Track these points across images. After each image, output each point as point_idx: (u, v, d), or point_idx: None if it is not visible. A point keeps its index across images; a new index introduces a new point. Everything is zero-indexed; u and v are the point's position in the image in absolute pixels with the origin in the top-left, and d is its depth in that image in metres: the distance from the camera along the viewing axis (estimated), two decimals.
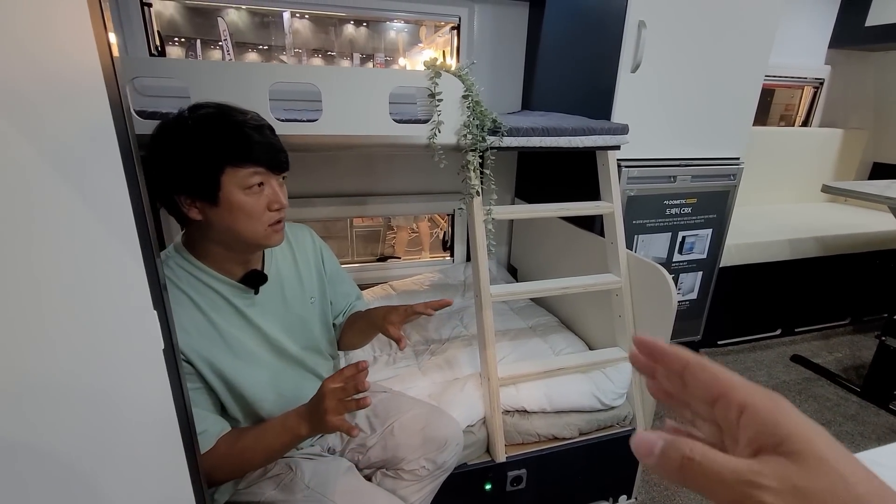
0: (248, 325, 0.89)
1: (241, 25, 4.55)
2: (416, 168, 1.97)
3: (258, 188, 0.78)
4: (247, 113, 0.81)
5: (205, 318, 0.83)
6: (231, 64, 1.18)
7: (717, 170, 1.67)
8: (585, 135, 1.31)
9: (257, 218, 0.79)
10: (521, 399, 1.31)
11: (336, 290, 1.09)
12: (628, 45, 1.41)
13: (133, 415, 0.52)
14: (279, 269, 0.96)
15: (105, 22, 0.46)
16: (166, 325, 0.55)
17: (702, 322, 1.89)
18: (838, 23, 2.35)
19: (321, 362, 1.04)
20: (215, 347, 0.83)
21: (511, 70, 2.00)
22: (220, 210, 0.77)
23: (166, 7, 1.84)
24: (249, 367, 0.88)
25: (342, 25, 3.64)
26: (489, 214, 1.27)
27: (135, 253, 0.50)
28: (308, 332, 0.99)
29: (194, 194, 0.77)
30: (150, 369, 0.53)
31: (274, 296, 0.93)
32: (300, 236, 1.04)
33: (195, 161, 0.75)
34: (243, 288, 0.87)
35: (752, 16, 1.52)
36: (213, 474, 0.81)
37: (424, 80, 1.12)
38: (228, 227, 0.79)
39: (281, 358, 0.95)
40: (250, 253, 0.87)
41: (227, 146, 0.75)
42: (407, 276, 2.09)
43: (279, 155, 0.81)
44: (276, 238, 0.83)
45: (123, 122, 0.48)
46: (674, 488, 1.57)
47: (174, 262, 0.83)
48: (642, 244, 1.67)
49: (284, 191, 0.84)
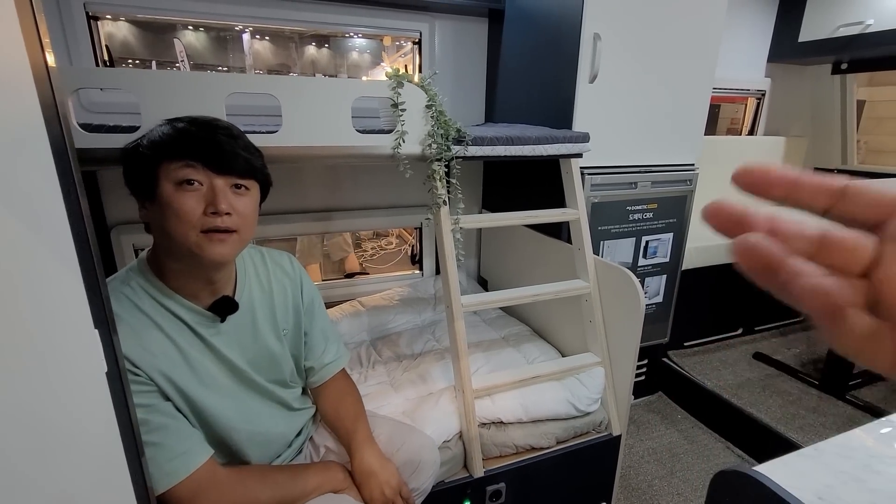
0: (212, 353, 0.83)
1: (199, 47, 4.43)
2: (382, 182, 1.95)
3: (191, 186, 0.72)
4: (218, 121, 0.79)
5: (169, 341, 0.78)
6: (185, 74, 1.14)
7: (674, 175, 1.73)
8: (548, 143, 1.33)
9: (188, 220, 0.71)
10: (497, 410, 1.29)
11: (312, 324, 1.00)
12: (585, 56, 1.45)
13: (70, 443, 0.47)
14: (252, 297, 0.89)
15: (38, 27, 0.42)
16: (111, 346, 0.51)
17: (668, 324, 1.94)
18: (774, 38, 2.52)
19: (289, 392, 0.98)
20: (181, 372, 0.78)
21: (473, 84, 2.03)
22: (156, 207, 0.73)
23: (119, 28, 1.77)
24: (215, 395, 0.83)
25: (304, 46, 3.59)
26: (457, 224, 1.26)
27: (72, 268, 0.46)
28: (276, 367, 0.93)
29: (139, 192, 0.75)
30: (91, 394, 0.48)
31: (243, 326, 0.87)
32: (279, 262, 0.98)
33: (137, 156, 0.74)
34: (209, 315, 0.82)
35: (698, 30, 1.61)
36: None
37: (387, 90, 1.11)
38: (162, 227, 0.73)
39: (248, 388, 0.89)
40: (205, 270, 0.80)
41: (163, 139, 0.73)
42: (375, 292, 2.05)
43: (222, 152, 0.74)
44: (210, 250, 0.73)
45: (60, 132, 0.45)
46: (652, 493, 1.57)
47: (136, 283, 0.78)
48: (608, 250, 1.70)
49: (243, 202, 0.76)
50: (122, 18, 1.72)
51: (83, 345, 0.47)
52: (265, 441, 0.92)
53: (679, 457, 1.75)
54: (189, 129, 0.74)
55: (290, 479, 0.85)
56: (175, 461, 0.73)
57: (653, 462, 1.72)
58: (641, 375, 2.06)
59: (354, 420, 0.99)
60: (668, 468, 1.69)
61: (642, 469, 1.68)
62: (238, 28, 1.99)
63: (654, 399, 2.11)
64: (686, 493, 1.58)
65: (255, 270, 0.93)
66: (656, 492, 1.58)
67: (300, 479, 0.86)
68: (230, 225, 0.74)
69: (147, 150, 0.73)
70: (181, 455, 0.74)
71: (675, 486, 1.61)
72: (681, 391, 2.07)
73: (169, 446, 0.73)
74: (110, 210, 1.57)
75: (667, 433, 1.88)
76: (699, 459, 1.73)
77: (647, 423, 1.94)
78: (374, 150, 1.15)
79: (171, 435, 0.74)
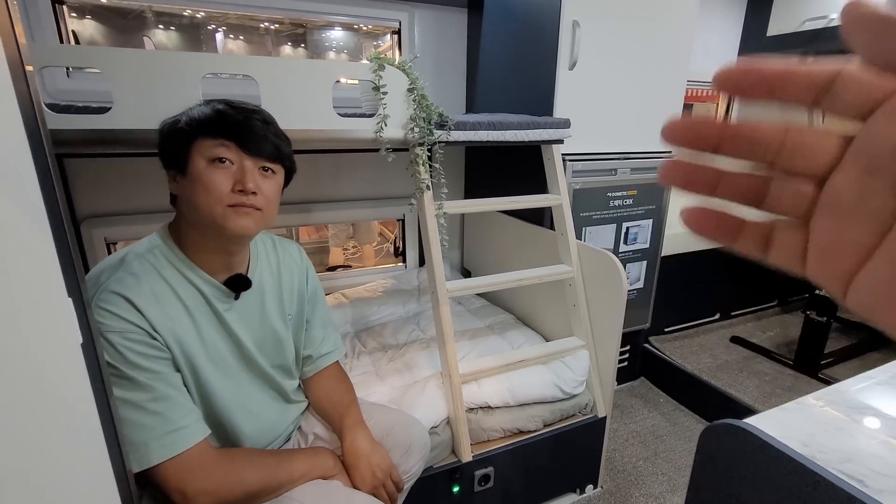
0: (223, 329, 0.85)
1: (171, 46, 4.32)
2: (363, 173, 1.93)
3: (222, 164, 0.75)
4: (254, 106, 0.81)
5: (185, 311, 0.79)
6: (158, 53, 1.10)
7: (653, 162, 1.76)
8: (530, 128, 1.34)
9: (216, 194, 0.74)
10: (484, 395, 1.29)
11: (313, 313, 1.02)
12: (564, 43, 1.47)
13: (43, 416, 0.45)
14: (262, 278, 0.92)
15: (9, 5, 0.41)
16: (85, 317, 0.49)
17: (649, 310, 1.97)
18: (744, 33, 2.59)
19: (288, 382, 0.98)
20: (193, 343, 0.79)
21: (454, 75, 2.02)
22: (187, 181, 0.75)
23: (85, 27, 1.70)
24: (219, 373, 0.84)
25: (279, 45, 3.55)
26: (440, 209, 1.26)
27: (43, 233, 0.44)
28: (280, 350, 0.94)
29: (172, 164, 0.77)
30: (64, 366, 0.46)
31: (253, 305, 0.89)
32: (288, 250, 1.00)
33: (175, 131, 0.76)
34: (224, 290, 0.84)
35: (673, 18, 1.64)
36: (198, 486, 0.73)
37: (368, 73, 1.10)
38: (190, 199, 0.75)
39: (249, 369, 0.90)
40: (226, 244, 0.82)
41: (202, 118, 0.76)
42: (358, 285, 2.03)
43: (255, 136, 0.77)
44: (235, 222, 0.76)
45: (30, 103, 0.43)
46: (637, 474, 1.59)
47: (159, 252, 0.80)
48: (590, 236, 1.72)
49: (268, 184, 0.79)
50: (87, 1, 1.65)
51: (55, 314, 0.45)
52: (258, 428, 0.91)
53: (662, 438, 1.78)
54: (227, 110, 0.77)
55: (279, 463, 0.84)
56: (174, 434, 0.72)
57: (637, 444, 1.74)
58: (624, 361, 2.09)
59: (347, 406, 0.99)
60: (652, 450, 1.71)
61: (627, 451, 1.71)
62: (211, 27, 1.94)
63: (637, 384, 2.14)
64: (669, 472, 1.61)
65: (266, 254, 0.95)
66: (641, 473, 1.61)
67: (288, 463, 0.85)
68: (255, 203, 0.77)
69: (186, 125, 0.75)
70: (181, 429, 0.73)
71: (658, 466, 1.64)
72: (662, 375, 2.11)
73: (170, 418, 0.73)
74: (80, 202, 1.51)
75: (650, 416, 1.91)
76: (681, 440, 1.76)
77: (630, 408, 1.97)
78: (356, 134, 1.13)
79: (173, 407, 0.74)
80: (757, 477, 0.47)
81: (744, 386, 1.90)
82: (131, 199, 1.57)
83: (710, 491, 0.54)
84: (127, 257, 0.78)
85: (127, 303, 0.72)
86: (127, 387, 0.70)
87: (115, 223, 1.54)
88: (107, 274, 0.75)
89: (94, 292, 0.72)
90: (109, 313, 0.70)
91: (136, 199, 1.58)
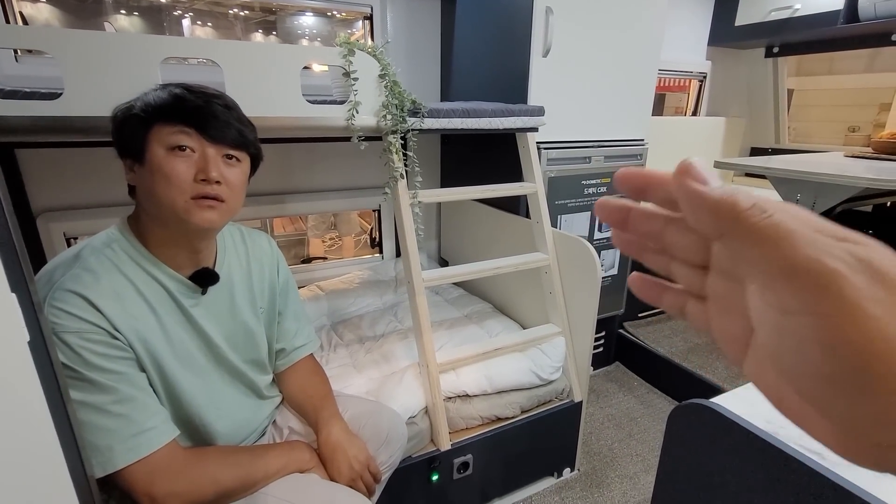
0: (190, 325, 0.81)
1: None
2: (337, 163, 1.89)
3: (183, 152, 0.71)
4: (214, 90, 0.76)
5: (149, 308, 0.75)
6: (114, 35, 1.04)
7: (625, 150, 1.78)
8: (504, 116, 1.33)
9: (177, 185, 0.70)
10: (462, 383, 1.29)
11: (286, 305, 0.99)
12: (538, 29, 1.46)
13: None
14: (231, 271, 0.88)
15: None
16: (33, 313, 0.46)
17: (623, 296, 2.01)
18: (714, 23, 2.63)
19: (261, 377, 0.95)
20: (158, 341, 0.76)
21: (427, 64, 1.99)
22: (145, 171, 0.71)
23: (40, 11, 1.60)
24: (188, 372, 0.80)
25: (249, 34, 3.44)
26: (415, 198, 1.24)
27: None
28: (252, 345, 0.91)
29: (127, 153, 0.73)
30: (11, 366, 0.43)
31: (222, 299, 0.86)
32: (257, 241, 0.96)
33: (130, 118, 0.72)
34: (190, 285, 0.80)
35: (645, 6, 1.65)
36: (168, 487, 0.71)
37: (338, 58, 1.07)
38: (150, 191, 0.71)
39: (220, 366, 0.87)
40: (190, 238, 0.78)
41: (158, 103, 0.71)
42: (334, 277, 2.00)
43: (217, 122, 0.72)
44: (199, 216, 0.72)
45: None
46: (612, 456, 1.63)
47: (118, 246, 0.75)
48: (566, 224, 1.73)
49: (233, 173, 0.75)
50: None
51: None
52: (230, 427, 0.88)
53: (636, 420, 1.82)
54: (186, 94, 0.72)
55: (253, 459, 0.82)
56: (139, 436, 0.69)
57: (612, 427, 1.79)
58: (599, 347, 2.13)
59: (322, 398, 0.98)
60: (627, 431, 1.76)
61: (603, 434, 1.75)
62: (177, 13, 1.85)
63: (612, 369, 2.19)
64: (644, 453, 1.65)
65: (234, 246, 0.92)
66: (616, 454, 1.64)
67: (263, 459, 0.83)
68: (220, 193, 0.73)
69: (141, 111, 0.71)
70: (147, 431, 0.70)
71: (633, 447, 1.68)
72: (636, 359, 2.16)
73: (135, 420, 0.70)
74: (36, 195, 1.44)
75: (624, 399, 1.96)
76: (655, 422, 1.81)
77: (605, 392, 2.01)
78: (327, 121, 1.10)
79: (138, 409, 0.71)
80: (722, 453, 0.49)
81: (713, 367, 1.97)
82: (92, 191, 1.50)
83: (679, 468, 0.55)
84: (83, 253, 0.73)
85: (84, 301, 0.68)
86: (87, 389, 0.67)
87: (74, 217, 1.47)
88: (61, 271, 0.71)
89: (46, 291, 0.68)
90: (65, 313, 0.66)
91: (97, 192, 1.51)
